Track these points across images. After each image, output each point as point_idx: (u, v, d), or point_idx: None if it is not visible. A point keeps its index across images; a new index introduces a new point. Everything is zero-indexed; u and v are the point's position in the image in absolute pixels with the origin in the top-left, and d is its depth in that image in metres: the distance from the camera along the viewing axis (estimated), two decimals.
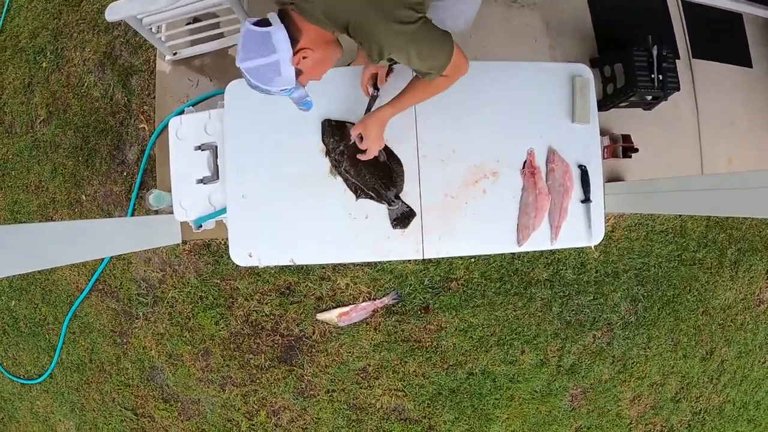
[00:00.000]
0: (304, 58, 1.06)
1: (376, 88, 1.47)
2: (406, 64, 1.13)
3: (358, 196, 1.50)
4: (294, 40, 1.04)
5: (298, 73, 1.07)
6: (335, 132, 1.49)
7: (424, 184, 1.51)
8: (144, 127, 2.34)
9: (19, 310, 2.52)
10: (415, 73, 1.25)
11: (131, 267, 2.34)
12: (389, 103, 1.34)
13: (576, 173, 1.54)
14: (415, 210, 1.49)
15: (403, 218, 1.49)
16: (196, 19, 2.17)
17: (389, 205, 1.48)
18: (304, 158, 1.52)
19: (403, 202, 1.49)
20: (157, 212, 2.04)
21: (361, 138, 1.38)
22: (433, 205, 1.50)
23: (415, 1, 1.05)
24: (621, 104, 2.19)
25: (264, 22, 1.04)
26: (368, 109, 1.49)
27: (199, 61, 2.32)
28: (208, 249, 2.27)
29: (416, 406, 2.29)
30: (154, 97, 2.33)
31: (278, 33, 1.02)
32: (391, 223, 1.49)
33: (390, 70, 1.49)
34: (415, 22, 1.05)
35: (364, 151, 1.40)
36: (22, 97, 2.50)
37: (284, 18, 1.05)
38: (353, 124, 1.45)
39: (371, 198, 1.49)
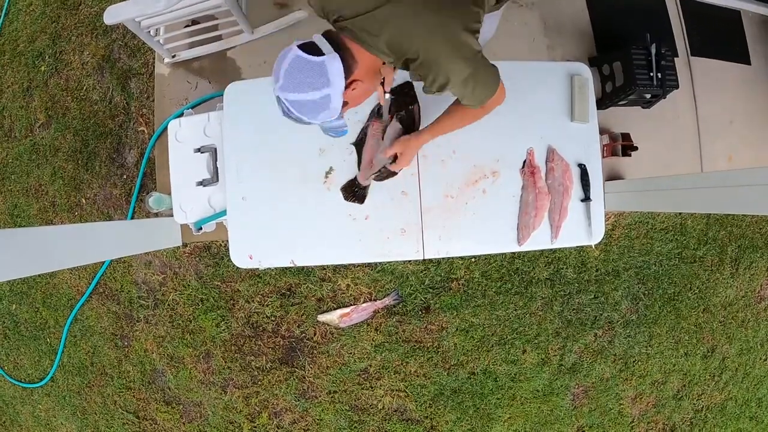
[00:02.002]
0: (353, 90, 0.98)
1: (386, 92, 1.45)
2: (459, 95, 1.09)
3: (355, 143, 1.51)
4: (348, 71, 0.94)
5: (344, 104, 0.98)
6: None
7: (424, 185, 1.51)
8: (143, 130, 2.34)
9: (20, 313, 2.52)
10: (456, 101, 1.21)
11: (132, 270, 2.34)
12: (429, 129, 1.31)
13: (576, 172, 1.54)
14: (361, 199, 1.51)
15: (354, 195, 1.50)
16: (194, 22, 2.18)
17: (372, 178, 1.47)
18: (303, 160, 1.52)
19: (367, 188, 1.50)
20: (157, 215, 2.04)
21: (395, 157, 1.36)
22: (433, 206, 1.50)
23: (475, 28, 1.00)
24: (620, 103, 2.19)
25: (312, 48, 0.92)
26: (388, 112, 1.47)
27: (197, 63, 2.32)
28: (208, 251, 2.27)
29: (418, 406, 2.29)
30: (153, 100, 2.33)
31: (334, 64, 0.91)
32: (344, 186, 1.50)
33: (394, 69, 1.47)
34: (478, 53, 1.01)
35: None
36: (21, 100, 2.50)
37: (338, 46, 0.94)
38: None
39: (358, 157, 1.49)
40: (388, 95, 1.41)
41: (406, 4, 0.94)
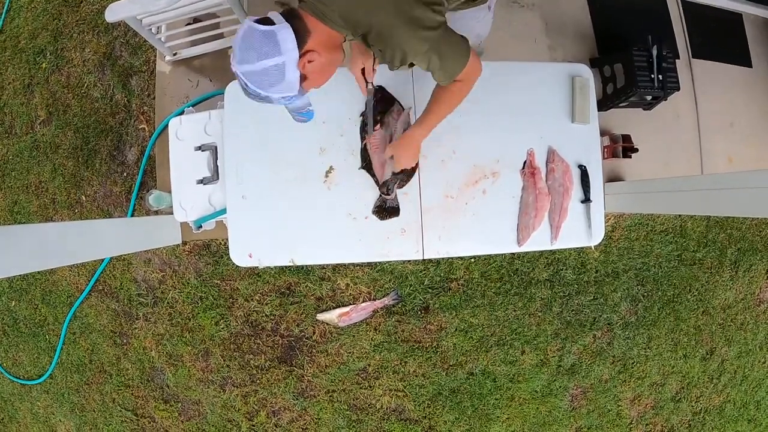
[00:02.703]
0: (309, 61, 0.97)
1: (368, 82, 1.42)
2: (425, 69, 1.08)
3: (364, 167, 1.50)
4: (301, 41, 0.94)
5: (303, 78, 0.97)
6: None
7: (424, 185, 1.51)
8: (144, 128, 2.34)
9: (19, 310, 2.52)
10: (435, 86, 1.22)
11: (131, 268, 2.34)
12: (417, 124, 1.30)
13: (576, 173, 1.54)
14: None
15: (387, 211, 1.49)
16: (195, 20, 2.17)
17: (386, 194, 1.47)
18: (304, 158, 1.52)
19: (396, 196, 1.49)
20: (157, 213, 2.04)
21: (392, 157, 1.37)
22: (433, 206, 1.50)
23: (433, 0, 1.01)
24: (621, 104, 2.19)
25: (266, 21, 0.93)
26: (370, 107, 1.47)
27: (198, 61, 2.32)
28: (208, 249, 2.27)
29: (416, 406, 2.29)
30: (154, 98, 2.33)
31: (284, 32, 0.92)
32: (374, 209, 1.50)
33: (374, 60, 1.45)
34: (437, 27, 1.00)
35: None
36: (22, 97, 2.50)
37: (291, 17, 0.95)
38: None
39: (373, 178, 1.49)
40: (370, 85, 1.40)
41: None
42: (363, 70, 1.38)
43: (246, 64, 0.92)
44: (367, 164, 1.50)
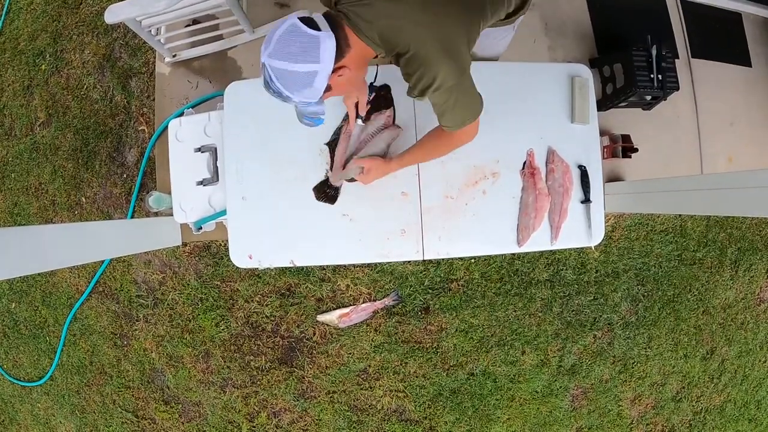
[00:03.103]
0: (340, 75, 0.97)
1: (359, 116, 1.44)
2: (440, 105, 1.07)
3: (327, 143, 1.51)
4: (339, 55, 0.93)
5: (327, 88, 0.96)
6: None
7: (424, 186, 1.51)
8: (144, 129, 2.34)
9: (19, 312, 2.52)
10: (431, 130, 1.25)
11: (131, 269, 2.33)
12: (398, 158, 1.36)
13: (576, 173, 1.54)
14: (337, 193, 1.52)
15: (325, 196, 1.50)
16: (195, 21, 2.18)
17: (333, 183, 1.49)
18: (303, 160, 1.52)
19: (339, 189, 1.51)
20: (157, 214, 2.04)
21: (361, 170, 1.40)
22: (433, 206, 1.50)
23: (473, 39, 1.02)
24: (620, 104, 2.19)
25: (310, 23, 0.91)
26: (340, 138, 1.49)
27: (198, 63, 2.32)
28: (208, 251, 2.27)
29: (417, 407, 2.29)
30: (154, 99, 2.33)
31: (328, 42, 0.90)
32: (315, 188, 1.51)
33: (371, 97, 1.47)
34: (466, 68, 1.01)
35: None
36: (22, 99, 2.50)
37: (335, 26, 0.93)
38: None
39: (330, 156, 1.50)
40: (359, 120, 1.43)
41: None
42: (357, 104, 1.40)
43: (279, 60, 0.90)
44: (332, 143, 1.50)
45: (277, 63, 0.90)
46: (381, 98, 1.51)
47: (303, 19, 0.91)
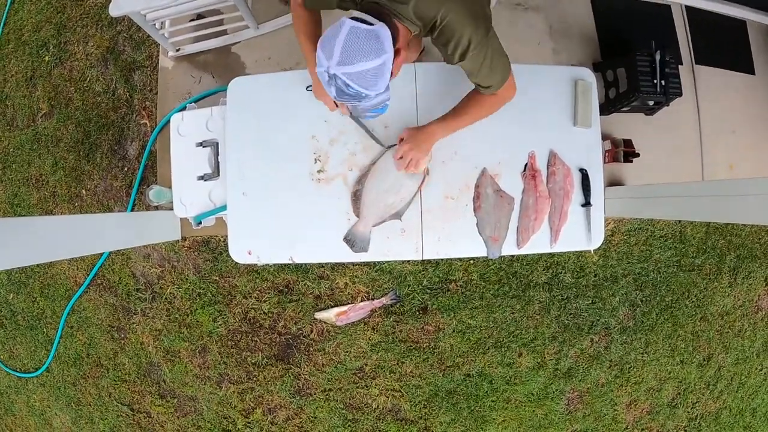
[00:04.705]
0: (398, 58, 1.03)
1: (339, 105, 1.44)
2: (474, 71, 1.13)
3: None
4: (394, 40, 0.99)
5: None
6: None
7: (424, 186, 1.51)
8: (145, 123, 2.34)
9: (17, 303, 2.52)
10: (469, 92, 1.26)
11: (130, 262, 2.34)
12: (439, 121, 1.29)
13: (577, 177, 1.54)
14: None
15: (360, 246, 1.48)
16: (199, 16, 2.18)
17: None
18: (305, 157, 1.52)
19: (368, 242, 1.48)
20: (157, 208, 2.04)
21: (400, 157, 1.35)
22: (433, 207, 1.50)
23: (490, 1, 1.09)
24: (623, 109, 2.19)
25: (360, 21, 0.96)
26: (360, 121, 1.47)
27: (202, 57, 2.32)
28: (207, 246, 2.27)
29: (412, 406, 2.29)
30: (156, 93, 2.33)
31: (384, 31, 0.96)
32: (349, 244, 1.49)
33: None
34: (491, 28, 1.09)
35: None
36: (24, 90, 2.50)
37: (380, 16, 0.99)
38: None
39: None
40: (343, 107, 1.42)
41: None
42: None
43: (350, 65, 0.93)
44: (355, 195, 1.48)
45: (350, 68, 0.93)
46: None
47: (354, 19, 0.96)
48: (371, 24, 0.95)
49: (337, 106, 1.42)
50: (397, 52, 1.02)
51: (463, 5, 1.03)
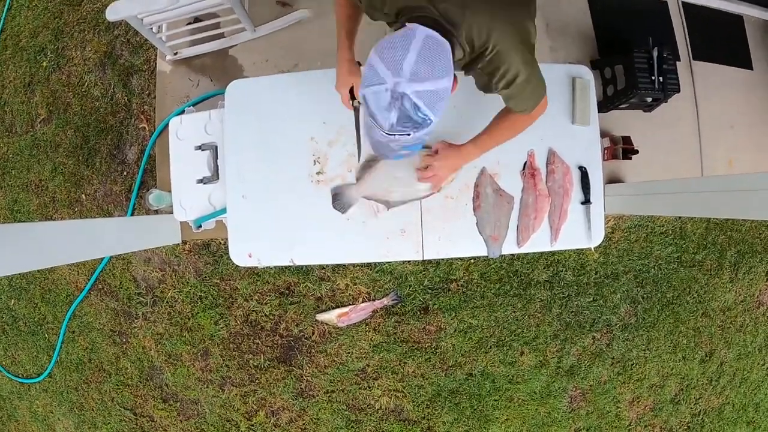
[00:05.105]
0: (454, 82, 0.91)
1: (353, 97, 1.32)
2: (513, 96, 1.06)
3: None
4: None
5: None
6: None
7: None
8: (144, 127, 2.34)
9: (18, 309, 2.52)
10: (501, 111, 1.21)
11: (131, 267, 2.33)
12: (475, 142, 1.24)
13: (576, 175, 1.54)
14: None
15: (341, 204, 1.48)
16: (197, 19, 2.18)
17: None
18: (304, 158, 1.52)
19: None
20: (157, 212, 2.04)
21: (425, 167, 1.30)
22: (433, 206, 1.50)
23: (534, 20, 1.01)
24: (621, 106, 2.19)
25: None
26: (357, 121, 1.41)
27: (199, 61, 2.32)
28: (207, 249, 2.27)
29: (415, 407, 2.29)
30: (155, 97, 2.33)
31: (448, 46, 0.84)
32: (333, 197, 1.48)
33: None
34: (534, 50, 1.02)
35: None
36: (23, 96, 2.50)
37: (445, 34, 0.87)
38: None
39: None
40: (357, 102, 1.31)
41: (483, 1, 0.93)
42: (351, 89, 1.29)
43: (424, 81, 0.79)
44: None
45: (423, 85, 0.79)
46: None
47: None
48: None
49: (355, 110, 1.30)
50: (454, 78, 0.87)
51: (514, 32, 0.96)
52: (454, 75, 0.87)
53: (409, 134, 0.85)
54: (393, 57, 0.79)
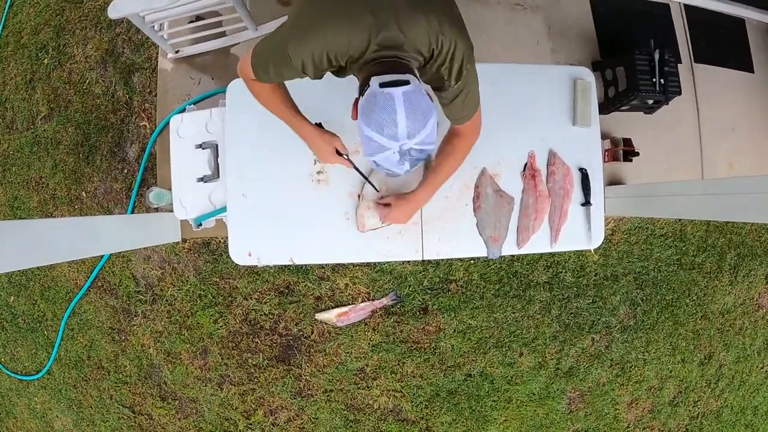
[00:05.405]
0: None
1: (345, 155, 1.33)
2: (463, 92, 1.08)
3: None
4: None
5: None
6: None
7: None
8: (145, 125, 2.34)
9: (17, 306, 2.52)
10: (440, 144, 1.25)
11: (130, 264, 2.33)
12: (424, 188, 1.33)
13: (576, 176, 1.54)
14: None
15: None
16: (198, 18, 2.18)
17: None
18: (304, 158, 1.52)
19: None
20: (157, 210, 2.04)
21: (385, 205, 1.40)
22: (433, 207, 1.50)
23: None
24: (622, 108, 2.19)
25: (396, 83, 0.89)
26: (356, 167, 1.38)
27: (201, 59, 2.32)
28: (207, 247, 2.27)
29: (414, 407, 2.29)
30: (156, 95, 2.33)
31: (418, 83, 0.92)
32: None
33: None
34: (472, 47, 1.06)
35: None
36: (24, 93, 2.50)
37: (406, 70, 0.94)
38: None
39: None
40: (347, 156, 1.32)
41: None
42: (336, 150, 1.30)
43: (419, 132, 0.88)
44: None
45: (420, 135, 0.89)
46: None
47: (393, 83, 0.89)
48: (406, 81, 0.89)
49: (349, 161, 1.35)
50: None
51: (450, 19, 0.99)
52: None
53: (424, 156, 0.95)
54: (387, 126, 0.87)
